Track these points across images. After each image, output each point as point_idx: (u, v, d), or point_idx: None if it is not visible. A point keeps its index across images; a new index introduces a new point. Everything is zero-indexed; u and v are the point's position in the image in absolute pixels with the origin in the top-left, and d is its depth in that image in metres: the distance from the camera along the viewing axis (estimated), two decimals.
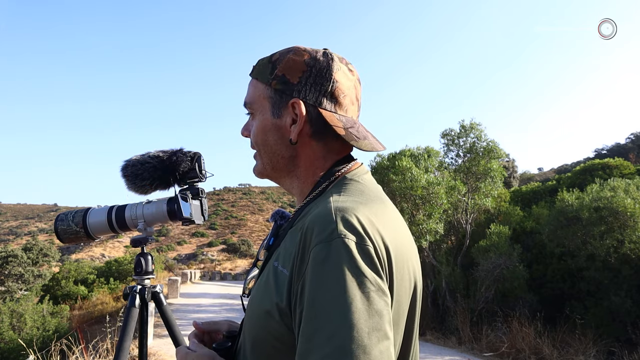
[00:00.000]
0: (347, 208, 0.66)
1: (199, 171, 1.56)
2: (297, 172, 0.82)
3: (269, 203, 76.59)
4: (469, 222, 10.56)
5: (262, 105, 0.82)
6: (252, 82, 0.85)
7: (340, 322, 0.56)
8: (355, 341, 0.55)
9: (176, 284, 15.45)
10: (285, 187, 0.87)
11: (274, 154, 0.82)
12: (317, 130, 0.79)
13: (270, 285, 0.69)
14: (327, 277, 0.59)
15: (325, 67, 0.79)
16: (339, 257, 0.60)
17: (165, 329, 1.59)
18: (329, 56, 0.80)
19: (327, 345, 0.55)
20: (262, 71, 0.82)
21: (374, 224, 0.66)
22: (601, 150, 39.88)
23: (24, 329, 10.72)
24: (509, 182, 22.17)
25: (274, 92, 0.80)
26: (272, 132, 0.81)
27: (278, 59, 0.81)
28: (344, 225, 0.63)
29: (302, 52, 0.80)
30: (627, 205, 7.88)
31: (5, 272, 16.24)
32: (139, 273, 1.62)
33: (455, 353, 7.69)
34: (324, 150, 0.81)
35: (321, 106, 0.78)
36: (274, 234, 0.83)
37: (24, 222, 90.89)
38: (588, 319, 7.85)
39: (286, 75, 0.79)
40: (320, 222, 0.64)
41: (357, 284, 0.59)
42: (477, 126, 10.49)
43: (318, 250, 0.61)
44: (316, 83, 0.78)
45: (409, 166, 9.56)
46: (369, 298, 0.58)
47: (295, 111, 0.78)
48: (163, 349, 6.81)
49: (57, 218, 1.64)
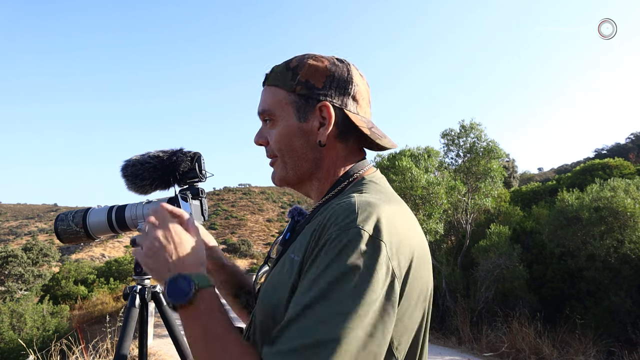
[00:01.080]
0: (370, 203, 0.68)
1: (199, 171, 1.56)
2: (318, 174, 0.85)
3: (269, 203, 76.63)
4: (469, 222, 10.57)
5: (285, 111, 0.83)
6: (269, 90, 0.85)
7: (328, 303, 0.59)
8: (337, 324, 0.57)
9: None
10: (305, 190, 0.89)
11: (299, 158, 0.83)
12: (342, 132, 0.83)
13: (283, 275, 0.72)
14: (332, 257, 0.62)
15: (346, 72, 0.83)
16: (350, 245, 0.62)
17: (165, 329, 1.59)
18: (345, 62, 0.85)
19: (309, 320, 0.59)
20: (281, 78, 0.84)
21: (394, 222, 0.68)
22: (601, 150, 39.93)
23: (24, 329, 10.72)
24: (509, 182, 22.17)
25: (299, 97, 0.82)
26: (298, 137, 0.83)
27: (297, 65, 0.83)
28: (364, 218, 0.65)
29: (319, 58, 0.84)
30: (627, 205, 7.88)
31: (5, 272, 16.25)
32: (139, 273, 1.62)
33: (455, 353, 7.69)
34: (345, 151, 0.84)
35: (346, 108, 0.82)
36: (291, 229, 0.86)
37: (24, 222, 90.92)
38: (588, 319, 7.85)
39: (310, 80, 0.81)
40: (342, 212, 0.67)
41: (359, 273, 0.61)
42: (477, 126, 10.49)
43: (333, 234, 0.64)
44: (340, 87, 0.82)
45: (409, 166, 9.56)
46: (368, 286, 0.60)
47: (323, 114, 0.81)
48: (163, 349, 6.82)
49: (57, 218, 1.64)
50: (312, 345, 0.57)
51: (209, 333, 0.66)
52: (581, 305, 8.31)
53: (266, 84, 0.86)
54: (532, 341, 7.49)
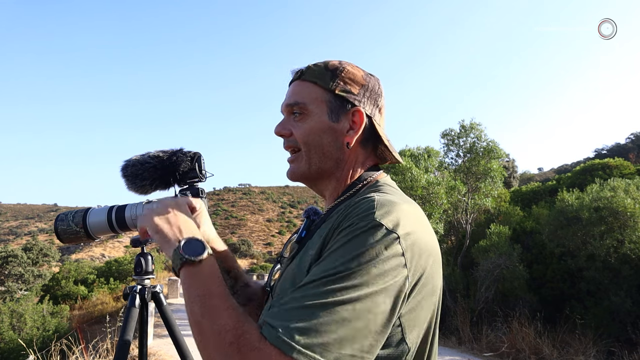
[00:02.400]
0: (390, 201, 0.71)
1: (199, 171, 1.56)
2: (337, 174, 0.88)
3: (269, 203, 76.64)
4: (469, 222, 10.57)
5: (319, 107, 0.86)
6: (304, 84, 0.88)
7: (335, 285, 0.61)
8: (339, 305, 0.59)
9: (176, 284, 15.46)
10: (319, 188, 0.92)
11: (324, 155, 0.86)
12: (365, 138, 0.88)
13: (301, 270, 0.74)
14: (347, 244, 0.65)
15: (377, 85, 0.90)
16: (364, 233, 0.65)
17: (165, 329, 1.59)
18: (375, 76, 0.91)
19: (317, 297, 0.61)
20: (319, 76, 0.87)
21: (412, 220, 0.71)
22: (601, 150, 39.95)
23: (24, 329, 10.72)
24: (509, 182, 22.17)
25: (335, 97, 0.85)
26: (328, 135, 0.86)
27: (337, 68, 0.87)
28: (383, 213, 0.68)
29: (356, 67, 0.89)
30: (627, 205, 7.87)
31: (5, 272, 16.25)
32: (139, 273, 1.62)
33: (455, 353, 7.69)
34: (364, 156, 0.89)
35: (374, 118, 0.88)
36: (307, 228, 0.89)
37: (24, 222, 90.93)
38: (588, 319, 7.84)
39: (348, 85, 0.86)
40: (362, 207, 0.70)
41: (371, 262, 0.63)
42: (477, 126, 10.49)
43: (351, 225, 0.67)
44: (371, 97, 0.88)
45: (409, 166, 9.56)
46: (376, 279, 0.62)
47: (355, 119, 0.86)
48: (163, 349, 6.82)
49: (57, 218, 1.63)
50: (312, 307, 0.60)
51: (211, 292, 0.69)
52: (581, 305, 8.31)
53: (302, 78, 0.89)
54: (532, 341, 7.49)
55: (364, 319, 0.60)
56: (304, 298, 0.61)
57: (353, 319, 0.59)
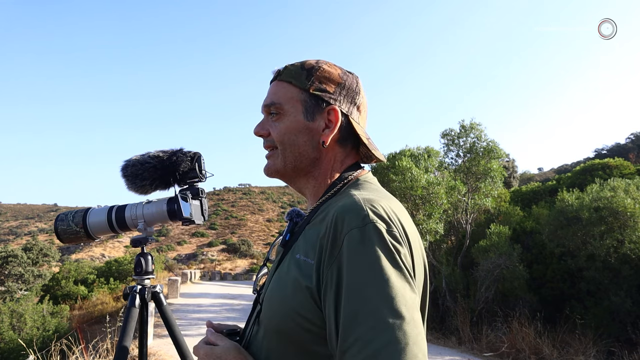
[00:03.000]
0: (372, 199, 0.73)
1: (199, 171, 1.56)
2: (315, 173, 0.88)
3: (269, 203, 76.62)
4: (469, 222, 10.56)
5: (294, 107, 0.86)
6: (281, 85, 0.89)
7: (382, 298, 0.63)
8: (396, 313, 0.62)
9: (176, 284, 15.46)
10: (298, 186, 0.92)
11: (300, 155, 0.86)
12: (343, 137, 0.87)
13: (292, 275, 0.74)
14: (364, 259, 0.66)
15: (355, 83, 0.89)
16: (372, 240, 0.67)
17: (165, 329, 1.59)
18: (354, 74, 0.91)
19: (373, 316, 0.62)
20: (295, 76, 0.87)
21: (395, 214, 0.73)
22: (601, 150, 39.92)
23: (24, 329, 10.72)
24: (509, 182, 22.17)
25: (310, 97, 0.86)
26: (303, 134, 0.86)
27: (313, 67, 0.87)
28: (374, 213, 0.70)
29: (333, 65, 0.89)
30: (627, 205, 7.88)
31: (5, 272, 16.25)
32: (139, 273, 1.62)
33: (455, 353, 7.69)
34: (342, 155, 0.89)
35: (351, 116, 0.87)
36: (290, 231, 0.88)
37: (24, 222, 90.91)
38: (588, 319, 7.84)
39: (323, 84, 0.86)
40: (351, 210, 0.70)
41: (392, 263, 0.66)
42: (477, 126, 10.49)
43: (353, 235, 0.68)
44: (348, 95, 0.87)
45: (409, 166, 9.56)
46: (403, 275, 0.66)
47: (330, 117, 0.85)
48: (163, 349, 6.81)
49: (57, 218, 1.64)
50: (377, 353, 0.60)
51: None
52: (581, 305, 8.31)
53: (279, 79, 0.89)
54: (532, 341, 7.49)
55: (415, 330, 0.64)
56: (363, 348, 0.61)
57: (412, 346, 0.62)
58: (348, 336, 0.63)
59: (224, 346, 0.80)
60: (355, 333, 0.62)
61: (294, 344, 0.72)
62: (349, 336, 0.62)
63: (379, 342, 0.60)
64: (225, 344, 0.80)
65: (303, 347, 0.72)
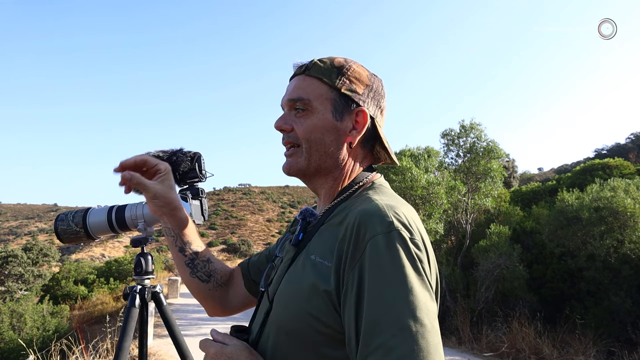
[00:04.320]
0: (394, 206, 0.73)
1: (199, 171, 1.56)
2: (335, 173, 0.86)
3: (269, 203, 76.62)
4: (469, 222, 10.56)
5: (323, 104, 0.84)
6: (309, 80, 0.85)
7: (406, 305, 0.63)
8: (419, 321, 0.62)
9: (176, 284, 15.46)
10: (314, 186, 0.89)
11: (325, 154, 0.84)
12: (366, 139, 0.87)
13: (308, 277, 0.73)
14: (388, 266, 0.66)
15: (380, 86, 0.89)
16: (397, 248, 0.67)
17: (165, 329, 1.59)
18: (378, 77, 0.90)
19: (396, 324, 0.62)
20: (325, 72, 0.84)
21: (415, 222, 0.73)
22: (601, 150, 39.92)
23: (24, 329, 10.71)
24: (509, 182, 22.16)
25: (340, 96, 0.84)
26: (331, 133, 0.84)
27: (344, 65, 0.85)
28: (398, 220, 0.70)
29: (361, 66, 0.88)
30: (627, 205, 7.87)
31: (5, 272, 16.25)
32: (139, 273, 1.62)
33: (455, 353, 7.69)
34: (362, 157, 0.89)
35: (376, 119, 0.87)
36: (303, 230, 0.85)
37: (24, 222, 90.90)
38: (588, 319, 7.84)
39: (354, 84, 0.84)
40: (375, 216, 0.70)
41: (415, 271, 0.66)
42: (477, 126, 10.48)
43: (377, 241, 0.67)
44: (375, 98, 0.87)
45: (409, 166, 9.56)
46: (425, 283, 0.66)
47: (358, 119, 0.84)
48: (163, 349, 6.82)
49: (57, 218, 1.63)
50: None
51: None
52: (581, 305, 8.31)
53: (307, 74, 0.86)
54: (532, 341, 7.49)
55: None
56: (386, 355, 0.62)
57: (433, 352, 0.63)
58: (370, 342, 0.62)
59: (235, 345, 0.78)
60: (378, 339, 0.61)
61: (304, 345, 0.71)
62: (372, 342, 0.62)
63: (403, 349, 0.60)
64: (235, 343, 0.78)
65: (313, 348, 0.71)
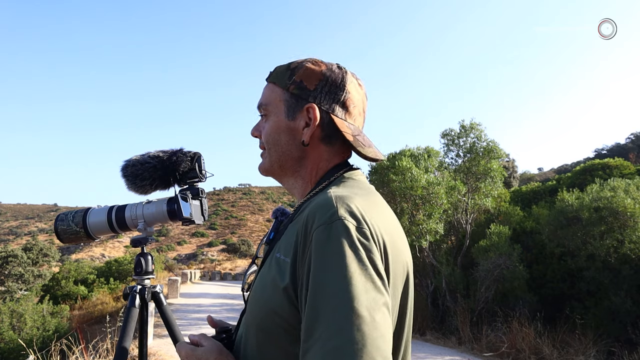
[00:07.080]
0: (345, 196, 0.72)
1: (199, 171, 1.56)
2: (302, 172, 0.88)
3: (269, 203, 76.60)
4: (469, 222, 10.56)
5: (277, 107, 0.88)
6: (268, 86, 0.91)
7: (342, 297, 0.61)
8: (355, 312, 0.60)
9: (176, 284, 15.45)
10: (288, 186, 0.92)
11: (283, 154, 0.87)
12: (326, 135, 0.85)
13: (272, 274, 0.73)
14: (329, 255, 0.64)
15: (340, 78, 0.86)
16: (339, 237, 0.65)
17: (165, 329, 1.59)
18: (343, 69, 0.88)
19: (332, 316, 0.60)
20: (280, 76, 0.88)
21: (370, 212, 0.72)
22: (601, 150, 39.91)
23: (24, 329, 10.71)
24: (509, 182, 22.16)
25: (291, 96, 0.86)
26: (285, 133, 0.86)
27: (297, 66, 0.87)
28: (344, 209, 0.69)
29: (319, 62, 0.87)
30: (627, 205, 7.87)
31: (5, 272, 16.27)
32: (139, 273, 1.62)
33: (455, 353, 7.69)
34: (329, 153, 0.87)
35: (333, 113, 0.85)
36: (275, 229, 0.88)
37: (24, 222, 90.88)
38: (588, 319, 7.85)
39: (304, 82, 0.85)
40: (321, 207, 0.70)
41: (357, 261, 0.64)
42: (477, 126, 10.49)
43: (320, 232, 0.67)
44: (331, 92, 0.85)
45: (409, 166, 9.56)
46: (368, 274, 0.64)
47: (310, 115, 0.84)
48: (163, 349, 6.81)
49: (57, 218, 1.64)
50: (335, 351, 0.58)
51: None
52: (581, 305, 8.31)
53: (268, 80, 0.91)
54: (532, 341, 7.49)
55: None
56: (322, 347, 0.60)
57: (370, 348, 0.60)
58: (309, 336, 0.61)
59: (206, 347, 0.78)
60: (316, 333, 0.60)
61: (274, 345, 0.72)
62: (311, 336, 0.61)
63: (335, 342, 0.58)
64: (208, 344, 0.79)
65: (282, 347, 0.71)
